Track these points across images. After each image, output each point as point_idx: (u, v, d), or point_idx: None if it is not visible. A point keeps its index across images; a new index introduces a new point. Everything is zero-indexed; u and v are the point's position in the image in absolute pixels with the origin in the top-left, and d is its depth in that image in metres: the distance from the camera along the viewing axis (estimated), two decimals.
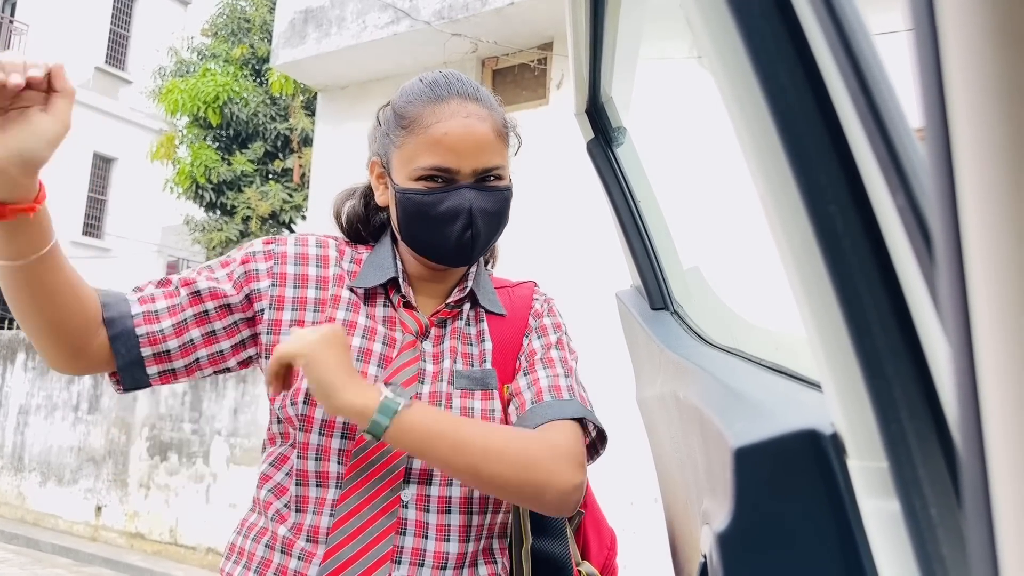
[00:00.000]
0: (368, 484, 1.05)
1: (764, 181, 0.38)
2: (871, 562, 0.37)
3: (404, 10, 5.80)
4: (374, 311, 1.15)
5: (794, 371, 0.64)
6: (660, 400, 1.01)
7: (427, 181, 1.10)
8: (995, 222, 0.16)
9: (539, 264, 5.21)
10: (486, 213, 1.11)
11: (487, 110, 1.13)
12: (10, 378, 8.89)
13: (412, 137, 1.11)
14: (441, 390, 1.12)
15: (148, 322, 1.07)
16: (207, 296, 1.10)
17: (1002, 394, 0.17)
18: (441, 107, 1.11)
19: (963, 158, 0.17)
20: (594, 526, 1.28)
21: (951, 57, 0.17)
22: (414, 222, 1.12)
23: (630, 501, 4.50)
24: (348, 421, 1.05)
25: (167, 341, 1.07)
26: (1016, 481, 0.17)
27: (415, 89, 1.15)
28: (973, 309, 0.18)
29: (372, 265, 1.18)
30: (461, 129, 1.09)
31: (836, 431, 0.39)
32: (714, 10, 0.38)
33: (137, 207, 17.56)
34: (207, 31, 12.52)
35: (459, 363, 1.16)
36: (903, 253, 0.33)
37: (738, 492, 0.40)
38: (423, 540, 1.05)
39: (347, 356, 1.02)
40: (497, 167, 1.12)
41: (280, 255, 1.15)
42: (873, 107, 0.30)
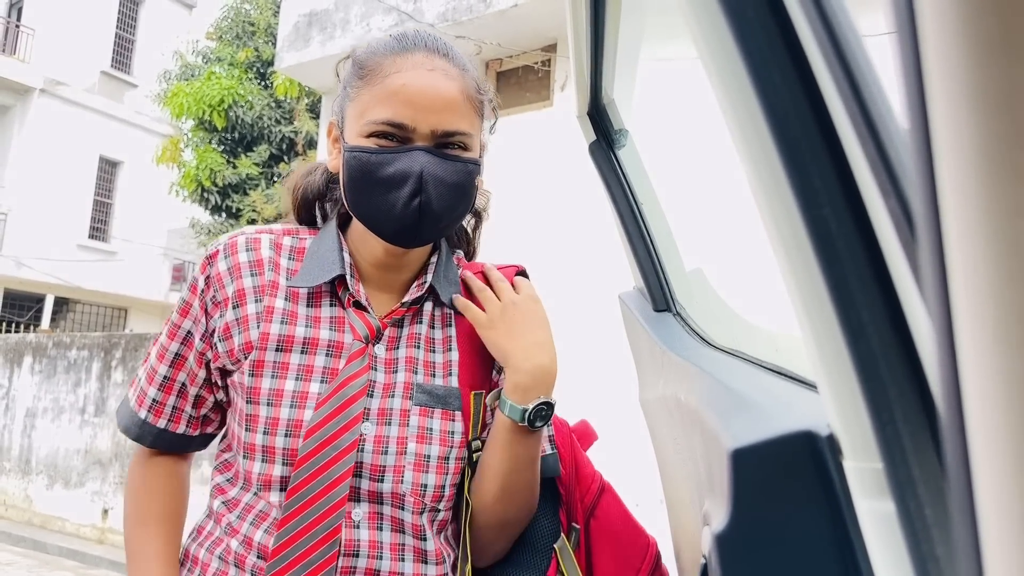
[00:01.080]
0: (315, 504, 0.95)
1: (759, 184, 0.39)
2: (867, 562, 0.37)
3: (408, 13, 5.81)
4: (318, 313, 1.02)
5: (794, 372, 0.64)
6: (662, 402, 1.01)
7: (379, 139, 0.96)
8: (972, 222, 0.16)
9: (543, 266, 5.21)
10: (441, 183, 0.95)
11: (458, 69, 1.00)
12: (17, 381, 8.92)
13: (368, 88, 0.97)
14: (393, 406, 1.00)
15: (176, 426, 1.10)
16: (205, 392, 1.08)
17: (981, 391, 0.17)
18: (404, 57, 0.98)
19: (942, 160, 0.17)
20: (612, 540, 1.12)
21: (930, 60, 0.17)
22: (358, 185, 0.97)
23: (635, 503, 4.50)
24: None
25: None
26: (997, 479, 0.17)
27: (380, 40, 1.03)
28: (954, 307, 0.18)
29: (314, 258, 1.04)
30: (422, 82, 0.96)
31: (832, 432, 0.39)
32: (708, 14, 0.38)
33: (143, 210, 17.62)
34: (212, 35, 12.57)
35: (420, 374, 1.03)
36: (896, 256, 0.33)
37: (735, 493, 0.40)
38: (377, 561, 0.97)
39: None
40: (461, 132, 0.97)
41: (215, 278, 1.03)
42: (864, 110, 0.31)
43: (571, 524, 1.12)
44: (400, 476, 0.98)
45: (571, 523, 1.12)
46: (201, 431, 1.11)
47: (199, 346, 1.05)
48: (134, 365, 7.81)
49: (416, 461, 0.99)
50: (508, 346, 1.02)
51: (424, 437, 1.00)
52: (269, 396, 0.98)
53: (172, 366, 1.06)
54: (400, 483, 0.98)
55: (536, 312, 1.08)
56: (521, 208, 5.34)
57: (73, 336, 8.70)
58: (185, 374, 1.06)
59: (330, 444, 0.95)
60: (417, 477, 0.99)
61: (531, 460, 1.02)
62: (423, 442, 1.00)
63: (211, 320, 1.03)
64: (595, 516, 1.13)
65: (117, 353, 8.11)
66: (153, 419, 1.08)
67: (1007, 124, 0.15)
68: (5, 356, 9.17)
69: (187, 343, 1.06)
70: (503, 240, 5.34)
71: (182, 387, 1.07)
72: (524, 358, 1.02)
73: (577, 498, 1.13)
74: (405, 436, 0.99)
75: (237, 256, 1.04)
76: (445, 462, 1.01)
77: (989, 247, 0.15)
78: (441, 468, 1.00)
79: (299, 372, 0.98)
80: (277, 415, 0.97)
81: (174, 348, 1.06)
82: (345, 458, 0.95)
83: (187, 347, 1.05)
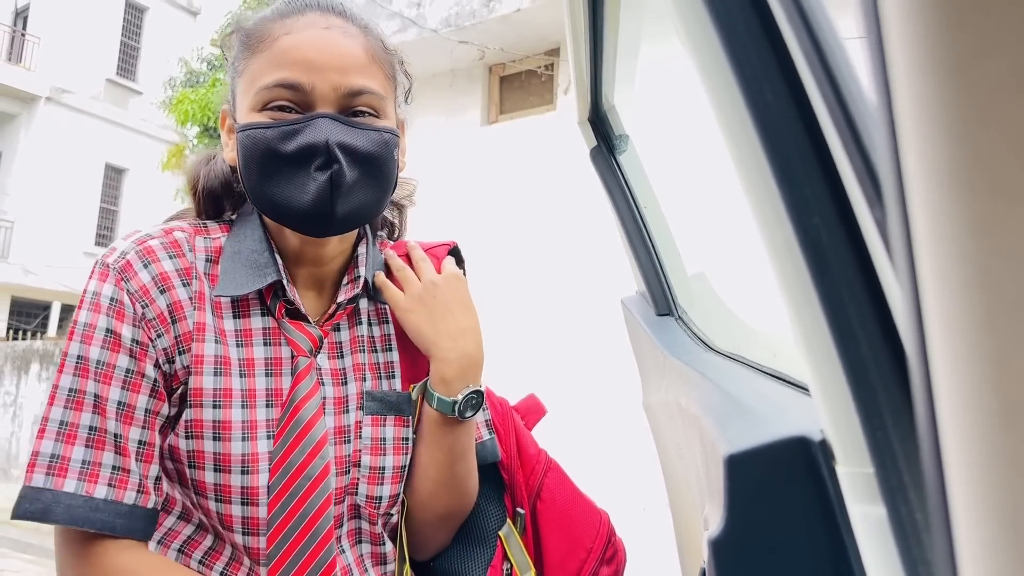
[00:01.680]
0: (303, 543, 0.85)
1: (751, 194, 0.39)
2: (860, 566, 0.37)
3: (411, 18, 5.83)
4: (247, 326, 0.87)
5: (792, 377, 0.65)
6: (665, 406, 1.02)
7: (275, 112, 0.83)
8: (938, 235, 0.17)
9: (546, 269, 5.22)
10: (354, 153, 0.82)
11: (358, 28, 0.88)
12: (24, 388, 8.97)
13: (256, 57, 0.85)
14: (348, 422, 0.91)
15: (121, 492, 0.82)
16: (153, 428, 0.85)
17: (949, 393, 0.17)
18: (294, 19, 0.86)
19: (910, 176, 0.17)
20: (560, 521, 1.05)
21: (896, 78, 0.18)
22: (255, 168, 0.83)
23: (642, 507, 4.50)
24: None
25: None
26: (966, 482, 0.18)
27: (269, 8, 0.91)
28: (924, 315, 0.18)
29: (236, 260, 0.88)
30: (316, 39, 0.83)
31: (825, 438, 0.40)
32: (699, 27, 0.39)
33: (148, 217, 17.68)
34: (216, 41, 12.60)
35: (368, 380, 0.93)
36: (884, 264, 0.34)
37: (730, 498, 0.41)
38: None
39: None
40: (369, 91, 0.85)
41: (139, 292, 0.84)
42: (851, 122, 0.31)
43: (516, 509, 1.05)
44: (354, 488, 0.91)
45: (516, 508, 1.05)
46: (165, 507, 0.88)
47: (154, 376, 0.83)
48: None
49: (370, 475, 0.91)
50: (430, 332, 0.93)
51: (378, 448, 0.92)
52: (215, 429, 0.83)
53: (120, 419, 0.81)
54: (354, 495, 0.91)
55: (460, 293, 0.97)
56: (525, 211, 5.35)
57: None
58: (140, 428, 0.82)
59: (301, 475, 0.85)
60: (372, 490, 0.91)
61: (464, 450, 0.96)
62: (377, 454, 0.92)
63: (156, 342, 0.84)
64: (541, 498, 1.06)
65: None
66: (117, 495, 0.79)
67: (971, 142, 0.16)
68: (13, 363, 9.21)
69: (131, 386, 0.82)
70: (507, 243, 5.35)
71: (141, 445, 0.82)
72: (449, 347, 0.93)
73: (521, 481, 1.06)
74: (359, 449, 0.91)
75: (160, 264, 0.86)
76: (401, 471, 0.95)
77: (956, 260, 0.16)
78: (396, 478, 0.93)
79: (243, 398, 0.85)
80: (228, 450, 0.83)
81: (116, 396, 0.81)
82: (320, 486, 0.85)
83: (132, 391, 0.82)
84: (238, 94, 0.88)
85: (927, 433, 0.19)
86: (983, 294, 0.16)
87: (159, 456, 0.85)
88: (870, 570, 0.36)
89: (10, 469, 8.91)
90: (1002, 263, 0.15)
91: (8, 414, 9.08)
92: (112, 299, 0.83)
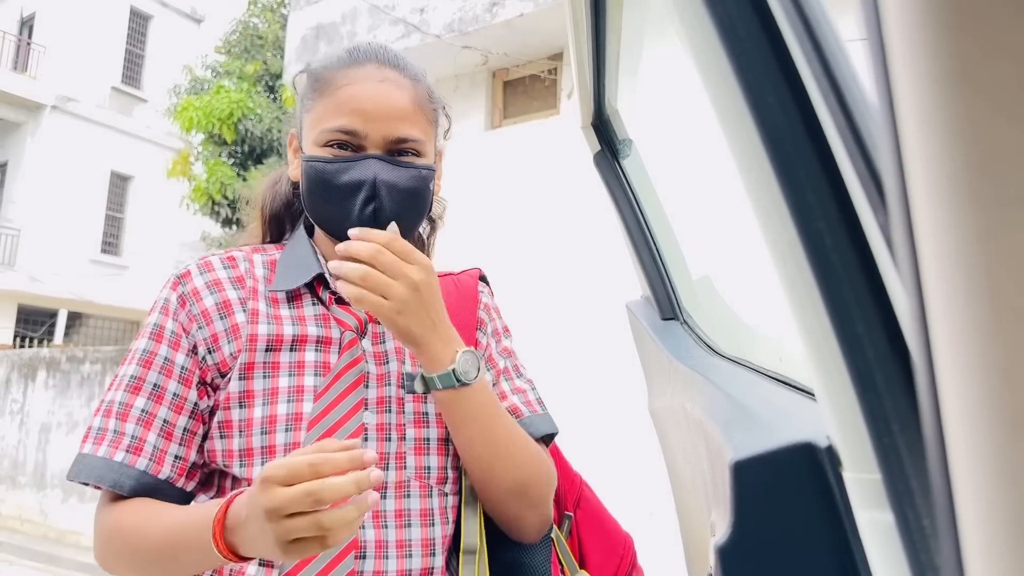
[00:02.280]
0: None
1: (755, 198, 0.39)
2: (868, 573, 0.37)
3: (415, 24, 5.84)
4: (301, 313, 1.02)
5: (798, 382, 0.65)
6: (670, 411, 1.02)
7: (334, 149, 0.99)
8: (941, 242, 0.17)
9: (551, 274, 5.22)
10: (394, 188, 0.98)
11: (409, 79, 1.03)
12: (31, 396, 8.99)
13: (322, 100, 1.01)
14: (390, 394, 1.00)
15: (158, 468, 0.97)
16: (193, 424, 0.99)
17: (954, 397, 0.17)
18: (356, 70, 1.01)
19: (913, 184, 0.17)
20: (597, 530, 1.15)
21: (898, 87, 0.18)
22: (315, 193, 1.00)
23: (649, 512, 4.49)
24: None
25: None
26: (972, 484, 0.18)
27: (334, 54, 1.06)
28: (929, 322, 0.18)
29: (289, 265, 1.05)
30: (373, 92, 0.99)
31: (831, 443, 0.39)
32: (702, 33, 0.39)
33: (154, 224, 17.75)
34: (221, 48, 12.66)
35: (407, 364, 1.03)
36: (889, 268, 0.33)
37: (736, 504, 0.41)
38: (384, 561, 0.95)
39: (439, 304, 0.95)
40: (412, 139, 1.00)
41: (191, 294, 1.01)
42: (854, 128, 0.31)
43: (563, 513, 1.13)
44: (403, 462, 0.98)
45: (563, 512, 1.14)
46: (185, 482, 0.99)
47: (185, 364, 0.99)
48: None
49: (416, 445, 1.00)
50: (429, 337, 0.95)
51: (420, 422, 1.01)
52: (264, 395, 0.96)
53: (151, 399, 0.97)
54: (403, 469, 0.98)
55: (438, 288, 0.99)
56: (529, 216, 5.35)
57: (86, 350, 8.76)
58: (167, 407, 0.98)
59: (334, 433, 0.94)
60: (419, 460, 0.99)
61: (492, 413, 0.98)
62: (420, 426, 1.01)
63: (191, 336, 1.00)
64: (580, 507, 1.16)
65: None
66: (132, 460, 0.95)
67: (973, 150, 0.16)
68: (19, 371, 9.23)
69: (165, 370, 0.99)
70: (511, 248, 5.35)
71: (164, 423, 0.97)
72: (445, 349, 0.95)
73: (564, 488, 1.14)
74: (403, 423, 1.00)
75: (215, 272, 1.04)
76: (445, 444, 1.02)
77: (958, 265, 0.16)
78: (441, 449, 1.01)
79: (291, 368, 0.98)
80: (274, 412, 0.96)
81: (151, 378, 0.98)
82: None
83: (166, 375, 0.99)
84: (305, 127, 1.04)
85: (933, 439, 0.19)
86: (986, 300, 0.16)
87: (191, 438, 0.99)
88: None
89: (17, 476, 8.93)
90: (1005, 269, 0.15)
91: (15, 422, 9.10)
92: (166, 300, 1.02)
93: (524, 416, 1.08)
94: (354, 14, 6.34)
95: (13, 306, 15.81)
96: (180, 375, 0.99)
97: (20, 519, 8.75)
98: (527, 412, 1.09)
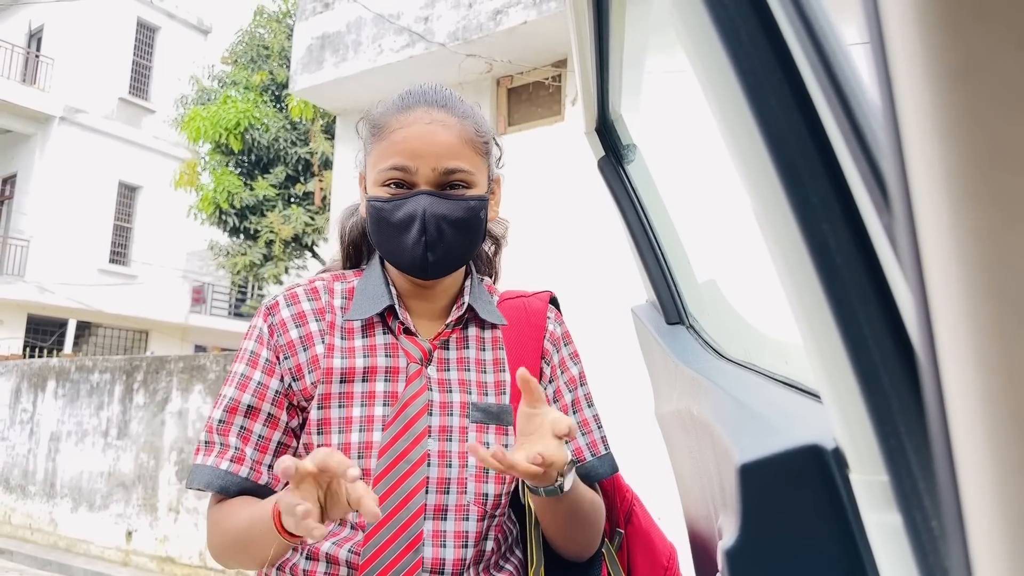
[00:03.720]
0: (395, 517, 1.04)
1: (759, 201, 0.39)
2: (876, 575, 0.37)
3: (419, 33, 5.86)
4: (372, 342, 1.13)
5: (804, 385, 0.64)
6: (677, 415, 1.01)
7: (391, 188, 1.09)
8: (942, 241, 0.17)
9: (557, 279, 5.21)
10: (444, 220, 1.07)
11: (455, 118, 1.11)
12: (41, 405, 9.02)
13: (379, 143, 1.11)
14: (453, 424, 1.09)
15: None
16: (286, 439, 1.11)
17: (962, 398, 0.17)
18: (407, 114, 1.10)
19: (915, 184, 0.17)
20: (644, 544, 1.24)
21: (899, 89, 0.17)
22: (377, 229, 1.11)
23: (657, 516, 4.48)
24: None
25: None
26: (977, 485, 0.18)
27: (389, 100, 1.16)
28: (934, 322, 0.18)
29: (364, 294, 1.15)
30: (421, 133, 1.08)
31: (838, 445, 0.39)
32: (704, 38, 0.39)
33: (162, 234, 17.82)
34: (227, 59, 12.72)
35: (473, 394, 1.12)
36: (893, 269, 0.33)
37: (743, 507, 0.41)
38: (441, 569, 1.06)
39: None
40: (461, 170, 1.09)
41: (279, 325, 1.13)
42: (857, 129, 0.31)
43: (615, 529, 1.23)
44: (463, 487, 1.07)
45: (615, 528, 1.23)
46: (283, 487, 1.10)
47: (277, 388, 1.10)
48: (155, 387, 7.87)
49: (477, 473, 1.08)
50: (544, 438, 0.97)
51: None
52: (340, 424, 1.07)
53: (248, 416, 1.10)
54: (464, 494, 1.07)
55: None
56: (535, 222, 5.35)
57: (95, 360, 8.79)
58: (262, 424, 1.10)
59: (402, 460, 1.04)
60: (479, 487, 1.08)
61: (580, 504, 1.07)
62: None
63: (283, 363, 1.11)
64: (631, 523, 1.25)
65: (139, 376, 8.18)
66: (235, 469, 1.09)
67: (974, 148, 0.16)
68: (29, 381, 9.27)
69: (258, 393, 1.10)
70: (518, 254, 5.35)
71: (260, 438, 1.10)
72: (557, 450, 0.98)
73: (617, 504, 1.24)
74: (465, 451, 1.08)
75: (300, 305, 1.15)
76: (502, 473, 1.06)
77: (961, 266, 0.16)
78: (499, 478, 1.09)
79: (363, 399, 1.09)
80: (348, 440, 1.06)
81: (247, 400, 1.10)
82: (417, 471, 1.05)
83: (259, 397, 1.10)
84: (368, 167, 1.14)
85: (940, 440, 0.19)
86: (988, 298, 0.16)
87: (284, 450, 1.10)
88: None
89: (27, 486, 8.96)
90: (1006, 267, 0.15)
91: (25, 431, 9.14)
92: (260, 329, 1.14)
93: (587, 460, 1.16)
94: (359, 24, 6.37)
95: (23, 316, 15.88)
96: (273, 398, 1.10)
97: (30, 528, 8.77)
98: (589, 456, 1.17)
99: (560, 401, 1.18)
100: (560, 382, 1.19)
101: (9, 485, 9.16)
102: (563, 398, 1.18)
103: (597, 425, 1.21)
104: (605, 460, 1.19)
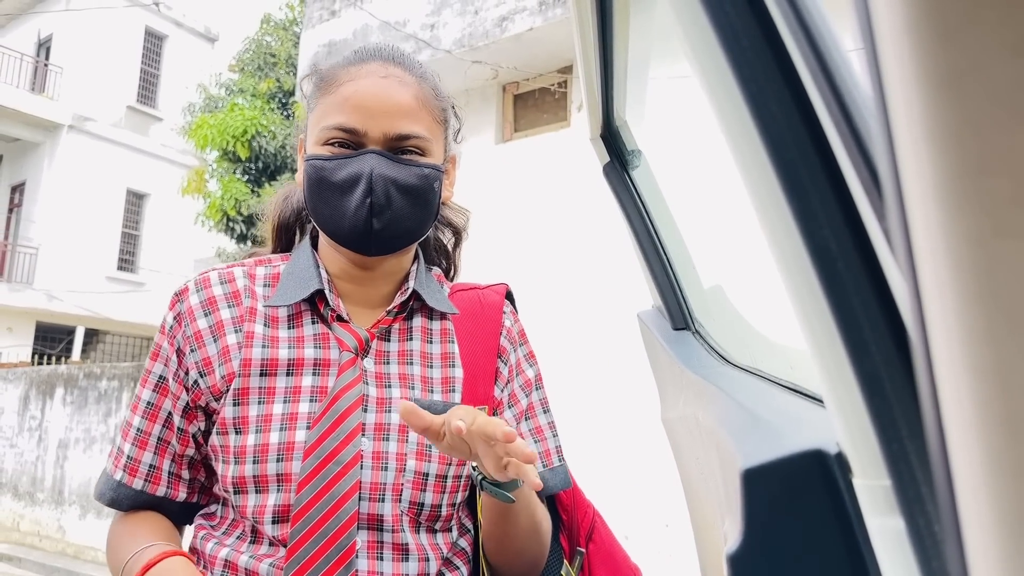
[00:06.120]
0: (321, 529, 0.89)
1: (759, 205, 0.39)
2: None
3: (425, 40, 5.88)
4: (300, 333, 0.97)
5: (809, 390, 0.64)
6: (683, 421, 1.01)
7: (334, 147, 0.95)
8: (935, 246, 0.17)
9: (563, 285, 5.22)
10: (394, 184, 0.93)
11: (413, 77, 0.99)
12: (49, 412, 9.05)
13: (324, 98, 0.98)
14: (391, 421, 0.95)
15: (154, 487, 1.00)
16: (184, 446, 1.00)
17: (955, 403, 0.17)
18: (359, 67, 0.98)
19: (908, 190, 0.18)
20: (607, 563, 1.10)
21: (891, 92, 0.18)
22: (315, 192, 0.96)
23: (665, 523, 4.46)
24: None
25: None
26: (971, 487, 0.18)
27: (343, 56, 1.04)
28: (928, 325, 0.18)
29: (290, 278, 1.00)
30: (374, 88, 0.95)
31: (841, 450, 0.39)
32: (704, 42, 0.39)
33: (169, 241, 17.89)
34: (234, 67, 12.79)
35: (416, 389, 0.98)
36: (894, 274, 0.33)
37: (747, 513, 0.41)
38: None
39: None
40: (415, 136, 0.96)
41: (187, 313, 0.99)
42: (856, 134, 0.31)
43: (575, 548, 1.09)
44: (398, 495, 0.93)
45: (575, 547, 1.09)
46: (187, 497, 1.01)
47: (174, 388, 0.98)
48: None
49: (415, 479, 0.94)
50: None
51: (423, 454, 0.95)
52: (257, 422, 0.93)
53: (145, 417, 0.99)
54: (398, 502, 0.93)
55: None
56: (541, 228, 5.35)
57: (103, 367, 8.82)
58: (161, 425, 0.99)
59: (331, 461, 0.90)
60: (415, 496, 0.94)
61: (526, 511, 0.97)
62: (422, 459, 0.95)
63: (184, 358, 0.98)
64: (592, 540, 1.10)
65: None
66: (128, 479, 0.99)
67: (966, 153, 0.16)
68: (38, 388, 9.31)
69: (160, 389, 0.99)
70: (523, 260, 5.36)
71: (159, 441, 0.99)
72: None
73: (578, 521, 1.11)
74: (404, 452, 0.94)
75: (211, 289, 1.01)
76: (443, 480, 0.96)
77: (952, 271, 0.16)
78: (439, 487, 0.95)
79: (286, 395, 0.94)
80: (267, 440, 0.92)
81: (146, 397, 1.00)
82: (348, 474, 0.90)
83: (160, 394, 0.99)
84: (309, 127, 1.00)
85: (936, 445, 0.19)
86: (982, 303, 0.16)
87: (181, 460, 1.00)
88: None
89: (36, 493, 8.99)
90: (1000, 272, 0.15)
91: (34, 438, 9.17)
92: (166, 320, 1.01)
93: (554, 466, 1.06)
94: (365, 31, 6.40)
95: (31, 323, 15.96)
96: (173, 397, 0.98)
97: (39, 535, 8.79)
98: (541, 467, 1.05)
99: (516, 406, 1.06)
100: (515, 385, 1.07)
101: (18, 492, 9.19)
102: (518, 403, 1.06)
103: (552, 433, 1.09)
104: (558, 473, 1.07)
